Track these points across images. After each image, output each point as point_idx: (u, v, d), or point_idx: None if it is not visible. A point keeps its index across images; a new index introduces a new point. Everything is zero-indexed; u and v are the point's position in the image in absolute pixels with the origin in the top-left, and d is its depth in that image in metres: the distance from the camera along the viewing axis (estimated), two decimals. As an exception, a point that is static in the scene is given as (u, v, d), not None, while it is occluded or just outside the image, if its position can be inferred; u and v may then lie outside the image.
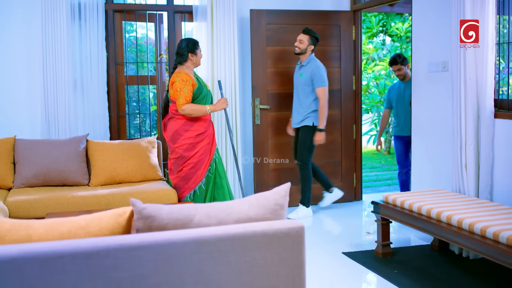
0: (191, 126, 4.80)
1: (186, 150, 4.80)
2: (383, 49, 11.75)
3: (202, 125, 4.84)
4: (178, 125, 4.79)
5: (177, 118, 4.80)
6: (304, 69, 5.48)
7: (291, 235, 2.13)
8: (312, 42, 5.46)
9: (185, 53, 4.83)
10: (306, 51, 5.46)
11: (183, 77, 4.72)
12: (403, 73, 5.88)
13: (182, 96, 4.68)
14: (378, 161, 11.33)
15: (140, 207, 2.11)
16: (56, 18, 5.25)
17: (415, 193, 4.25)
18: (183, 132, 4.79)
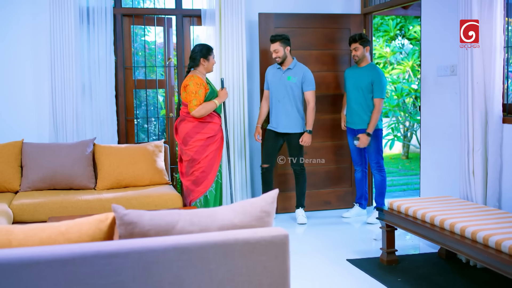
0: (202, 129, 4.83)
1: (197, 153, 4.83)
2: (401, 52, 11.60)
3: (212, 128, 4.88)
4: (189, 127, 4.83)
5: (188, 121, 4.84)
6: (292, 72, 5.36)
7: (274, 243, 2.08)
8: (285, 44, 5.30)
9: (197, 57, 4.87)
10: (286, 56, 5.33)
11: (197, 80, 4.78)
12: (359, 54, 5.41)
13: (196, 98, 4.73)
14: (395, 165, 11.18)
15: (122, 213, 2.08)
16: (64, 22, 5.28)
17: (421, 200, 4.17)
18: (194, 134, 4.82)
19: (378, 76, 5.37)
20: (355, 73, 5.51)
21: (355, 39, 5.41)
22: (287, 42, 5.31)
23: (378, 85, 5.35)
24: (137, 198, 4.75)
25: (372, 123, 5.37)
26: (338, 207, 6.03)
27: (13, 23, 5.36)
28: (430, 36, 4.82)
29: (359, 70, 5.49)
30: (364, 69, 5.45)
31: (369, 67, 5.44)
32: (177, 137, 4.95)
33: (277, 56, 5.30)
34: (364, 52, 5.42)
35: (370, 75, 5.37)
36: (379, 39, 11.58)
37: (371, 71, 5.40)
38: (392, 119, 11.03)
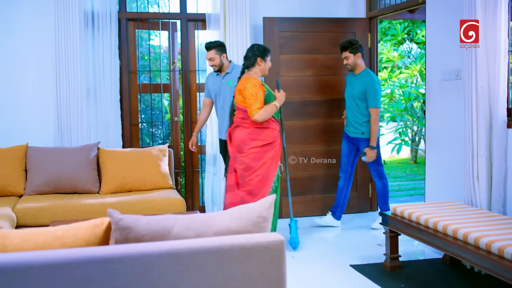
0: (258, 135, 4.50)
1: (253, 160, 4.48)
2: (409, 56, 11.56)
3: (270, 135, 4.53)
4: (245, 134, 4.51)
5: (243, 127, 4.53)
6: (231, 76, 5.03)
7: (270, 248, 2.07)
8: (221, 51, 5.02)
9: (253, 56, 4.58)
10: (223, 63, 5.04)
11: (254, 81, 4.47)
12: (351, 62, 5.24)
13: (258, 100, 4.40)
14: (403, 170, 11.13)
15: (117, 218, 2.07)
16: (69, 26, 5.30)
17: (425, 205, 4.13)
18: (249, 141, 4.49)
19: (371, 84, 5.15)
20: (350, 80, 5.37)
21: (345, 47, 5.24)
22: (222, 49, 5.03)
23: (371, 94, 5.15)
24: (140, 202, 4.74)
25: (373, 135, 5.19)
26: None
27: (18, 27, 5.39)
28: (435, 40, 4.79)
29: (354, 77, 5.33)
30: (358, 76, 5.27)
31: (363, 74, 5.25)
32: (231, 145, 4.60)
33: (213, 64, 5.00)
34: (356, 59, 5.25)
35: (362, 83, 5.19)
36: (387, 43, 11.54)
37: (364, 79, 5.20)
38: (399, 124, 10.99)
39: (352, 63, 5.24)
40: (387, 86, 11.31)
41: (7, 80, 5.41)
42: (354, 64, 5.25)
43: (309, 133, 5.93)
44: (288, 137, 5.82)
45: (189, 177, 6.05)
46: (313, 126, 5.93)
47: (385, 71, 11.27)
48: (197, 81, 6.00)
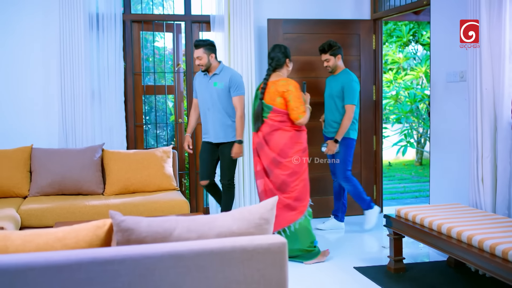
0: (298, 138, 4.47)
1: (298, 165, 4.43)
2: (414, 58, 11.53)
3: (305, 137, 4.55)
4: (287, 137, 4.42)
5: (284, 130, 4.43)
6: (218, 77, 4.89)
7: (272, 250, 2.06)
8: (210, 50, 4.86)
9: (283, 58, 4.55)
10: (211, 63, 4.88)
11: (295, 83, 4.43)
12: (331, 65, 5.19)
13: (302, 104, 4.39)
14: (408, 172, 11.10)
15: (119, 219, 2.07)
16: (73, 28, 5.31)
17: (429, 207, 4.11)
18: (292, 144, 4.42)
19: (348, 82, 5.10)
20: (330, 81, 5.33)
21: (325, 50, 5.17)
22: (211, 49, 4.88)
23: (348, 91, 5.08)
24: (144, 204, 4.74)
25: (341, 130, 5.10)
26: (348, 213, 5.97)
27: (23, 29, 5.41)
28: (439, 42, 4.77)
29: (333, 78, 5.29)
30: (337, 76, 5.23)
31: (342, 74, 5.21)
32: (271, 149, 4.45)
33: (200, 63, 4.86)
34: (336, 61, 5.20)
35: (341, 81, 5.14)
36: (392, 44, 11.52)
37: (342, 77, 5.16)
38: (405, 125, 10.96)
39: (333, 65, 5.19)
40: (392, 88, 11.29)
41: (12, 81, 5.43)
42: (335, 66, 5.21)
43: (315, 134, 5.91)
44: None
45: (194, 178, 6.05)
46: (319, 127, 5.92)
47: (390, 73, 11.25)
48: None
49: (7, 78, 5.42)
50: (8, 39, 5.40)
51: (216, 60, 4.94)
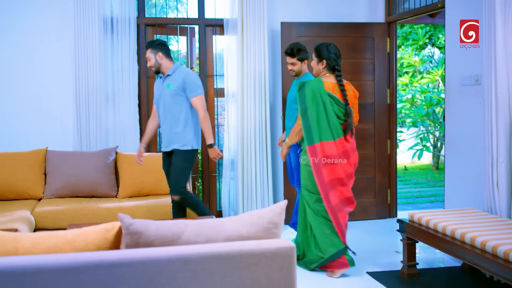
0: None
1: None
2: (431, 61, 11.44)
3: None
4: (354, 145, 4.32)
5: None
6: (171, 78, 4.53)
7: (280, 255, 2.05)
8: (157, 49, 4.54)
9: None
10: (160, 63, 4.55)
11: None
12: (296, 69, 4.90)
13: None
14: (424, 176, 11.01)
15: (128, 222, 2.08)
16: (88, 32, 5.36)
17: (443, 212, 4.07)
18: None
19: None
20: (292, 86, 5.07)
21: (293, 53, 4.86)
22: (158, 47, 4.53)
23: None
24: (157, 206, 4.76)
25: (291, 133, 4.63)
26: (362, 218, 5.94)
27: (39, 33, 5.47)
28: (454, 45, 4.72)
29: (295, 82, 4.94)
30: (299, 80, 4.89)
31: (302, 78, 4.93)
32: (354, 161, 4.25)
33: (149, 65, 4.58)
34: (302, 66, 4.91)
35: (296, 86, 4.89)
36: (408, 48, 11.45)
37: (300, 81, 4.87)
38: (420, 129, 10.87)
39: (298, 70, 4.91)
40: (408, 91, 11.20)
41: (27, 84, 5.49)
42: (300, 71, 4.93)
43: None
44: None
45: (207, 181, 6.05)
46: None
47: (406, 76, 11.18)
48: (215, 86, 6.01)
49: (23, 81, 5.48)
50: (24, 42, 5.46)
51: (168, 59, 4.56)
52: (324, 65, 4.28)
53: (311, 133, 4.11)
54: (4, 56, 5.43)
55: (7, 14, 5.41)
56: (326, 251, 4.13)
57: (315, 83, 4.17)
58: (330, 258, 4.13)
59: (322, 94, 4.12)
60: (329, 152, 4.11)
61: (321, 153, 4.09)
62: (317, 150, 4.09)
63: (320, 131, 4.10)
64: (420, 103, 10.47)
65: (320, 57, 4.30)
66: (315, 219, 4.18)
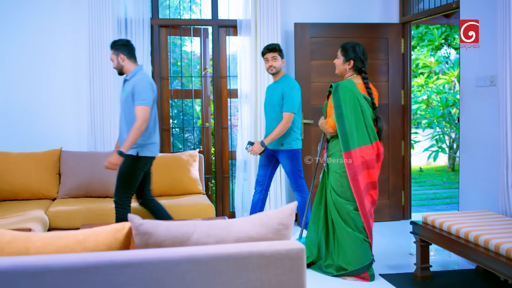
0: None
1: None
2: (447, 62, 11.34)
3: None
4: None
5: None
6: (128, 83, 4.29)
7: (290, 256, 2.04)
8: (118, 50, 4.32)
9: None
10: (122, 65, 4.33)
11: None
12: (277, 65, 4.83)
13: None
14: (440, 178, 10.92)
15: (138, 223, 2.08)
16: (102, 33, 5.39)
17: (457, 214, 4.02)
18: None
19: (288, 88, 4.73)
20: (271, 89, 4.97)
21: (275, 48, 4.81)
22: (120, 48, 4.31)
23: (287, 98, 4.70)
24: (170, 207, 4.77)
25: (272, 135, 4.71)
26: (376, 219, 5.89)
27: (54, 35, 5.51)
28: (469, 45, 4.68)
29: (274, 84, 4.93)
30: (278, 82, 4.88)
31: (283, 79, 4.86)
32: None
33: (113, 66, 4.39)
34: (282, 64, 4.87)
35: (281, 87, 4.79)
36: (424, 48, 11.36)
37: (283, 83, 4.81)
38: (436, 130, 10.78)
39: (279, 66, 4.83)
40: (423, 92, 11.12)
41: (43, 85, 5.54)
42: (280, 68, 4.85)
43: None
44: (319, 144, 5.77)
45: (220, 182, 6.06)
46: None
47: (421, 77, 11.10)
48: (228, 87, 6.02)
49: (38, 83, 5.53)
50: (39, 44, 5.51)
51: (130, 61, 4.33)
52: (351, 65, 4.16)
53: (347, 138, 3.96)
54: (20, 58, 5.48)
55: (21, 15, 5.45)
56: (350, 265, 4.04)
57: (349, 85, 4.02)
58: (352, 272, 4.04)
59: (359, 97, 4.01)
60: (368, 156, 4.00)
61: (360, 158, 3.97)
62: (354, 156, 3.97)
63: (358, 136, 3.98)
64: (436, 104, 10.39)
65: (347, 56, 4.16)
66: (345, 230, 4.04)
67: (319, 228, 4.26)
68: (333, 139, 4.17)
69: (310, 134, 5.78)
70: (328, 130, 4.10)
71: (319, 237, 4.26)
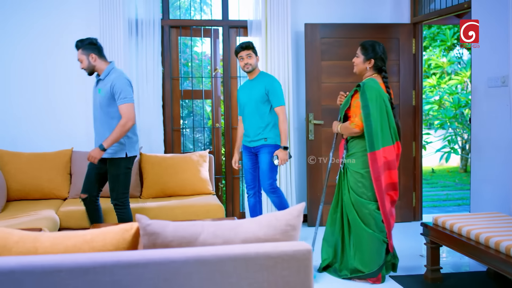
0: None
1: None
2: (459, 62, 11.26)
3: None
4: None
5: None
6: (102, 83, 4.25)
7: (297, 258, 2.03)
8: (88, 50, 4.26)
9: None
10: (93, 65, 4.27)
11: None
12: (253, 62, 4.75)
13: None
14: (452, 179, 10.84)
15: (145, 223, 2.08)
16: (113, 34, 5.41)
17: (467, 216, 3.99)
18: None
19: (271, 84, 4.70)
20: (247, 87, 4.88)
21: (249, 46, 4.72)
22: (90, 47, 4.26)
23: (274, 93, 4.68)
24: (180, 207, 4.79)
25: (283, 135, 4.69)
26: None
27: (65, 35, 5.54)
28: (481, 45, 4.64)
29: (250, 83, 4.84)
30: (256, 80, 4.80)
31: (261, 76, 4.80)
32: None
33: (82, 67, 4.32)
34: (256, 61, 4.78)
35: (263, 84, 4.72)
36: (436, 48, 11.28)
37: (264, 80, 4.75)
38: (448, 131, 10.70)
39: (254, 63, 4.75)
40: (435, 93, 11.04)
41: (54, 86, 5.57)
42: (255, 65, 4.77)
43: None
44: (328, 145, 5.76)
45: (230, 183, 6.06)
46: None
47: (433, 77, 11.02)
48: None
49: (50, 83, 5.56)
50: (51, 45, 5.55)
51: (101, 60, 4.28)
52: (372, 64, 4.08)
53: (372, 139, 3.90)
54: (31, 58, 5.52)
55: (32, 15, 5.49)
56: (367, 267, 4.00)
57: (375, 85, 3.97)
58: (369, 275, 4.00)
59: (384, 97, 3.98)
60: (390, 157, 3.97)
61: (383, 159, 3.94)
62: (378, 156, 3.92)
63: (382, 137, 3.94)
64: (448, 105, 10.31)
65: (368, 55, 4.07)
66: (365, 230, 3.99)
67: (335, 230, 4.21)
68: (354, 139, 4.10)
69: (320, 135, 5.76)
70: (354, 130, 4.02)
71: (335, 238, 4.21)
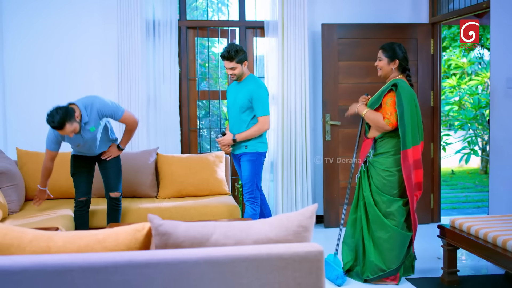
0: None
1: None
2: (480, 63, 11.12)
3: None
4: None
5: None
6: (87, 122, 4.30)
7: (308, 259, 2.03)
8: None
9: None
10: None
11: None
12: (237, 73, 4.50)
13: None
14: (472, 181, 10.71)
15: (157, 223, 2.09)
16: (131, 35, 5.45)
17: (485, 218, 3.94)
18: None
19: (256, 90, 4.48)
20: (234, 90, 4.69)
21: (231, 57, 4.44)
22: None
23: (258, 101, 4.48)
24: (195, 207, 4.79)
25: (245, 133, 4.51)
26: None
27: (83, 36, 5.59)
28: (500, 46, 4.58)
29: (237, 85, 4.65)
30: (242, 84, 4.59)
31: (247, 81, 4.58)
32: None
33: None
34: (243, 68, 4.52)
35: (247, 90, 4.51)
36: (456, 49, 11.16)
37: (249, 85, 4.53)
38: (468, 132, 10.57)
39: (239, 73, 4.52)
40: (455, 93, 10.92)
41: (71, 86, 5.62)
42: (241, 74, 4.54)
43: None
44: (345, 146, 5.73)
45: (246, 183, 6.05)
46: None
47: (453, 78, 10.90)
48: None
49: (67, 84, 5.62)
50: (69, 45, 5.60)
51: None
52: (397, 65, 4.06)
53: (405, 138, 3.89)
54: (49, 58, 5.58)
55: (50, 17, 5.55)
56: (388, 264, 3.97)
57: (406, 85, 3.97)
58: (389, 273, 3.97)
59: (414, 97, 3.99)
60: (416, 156, 3.98)
61: (412, 157, 3.94)
62: (409, 155, 3.91)
63: (413, 136, 3.94)
64: (469, 105, 10.19)
65: (392, 56, 4.05)
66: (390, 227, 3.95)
67: (356, 231, 4.16)
68: (384, 138, 4.06)
69: (337, 136, 5.73)
70: (386, 127, 3.97)
71: (356, 240, 4.15)
